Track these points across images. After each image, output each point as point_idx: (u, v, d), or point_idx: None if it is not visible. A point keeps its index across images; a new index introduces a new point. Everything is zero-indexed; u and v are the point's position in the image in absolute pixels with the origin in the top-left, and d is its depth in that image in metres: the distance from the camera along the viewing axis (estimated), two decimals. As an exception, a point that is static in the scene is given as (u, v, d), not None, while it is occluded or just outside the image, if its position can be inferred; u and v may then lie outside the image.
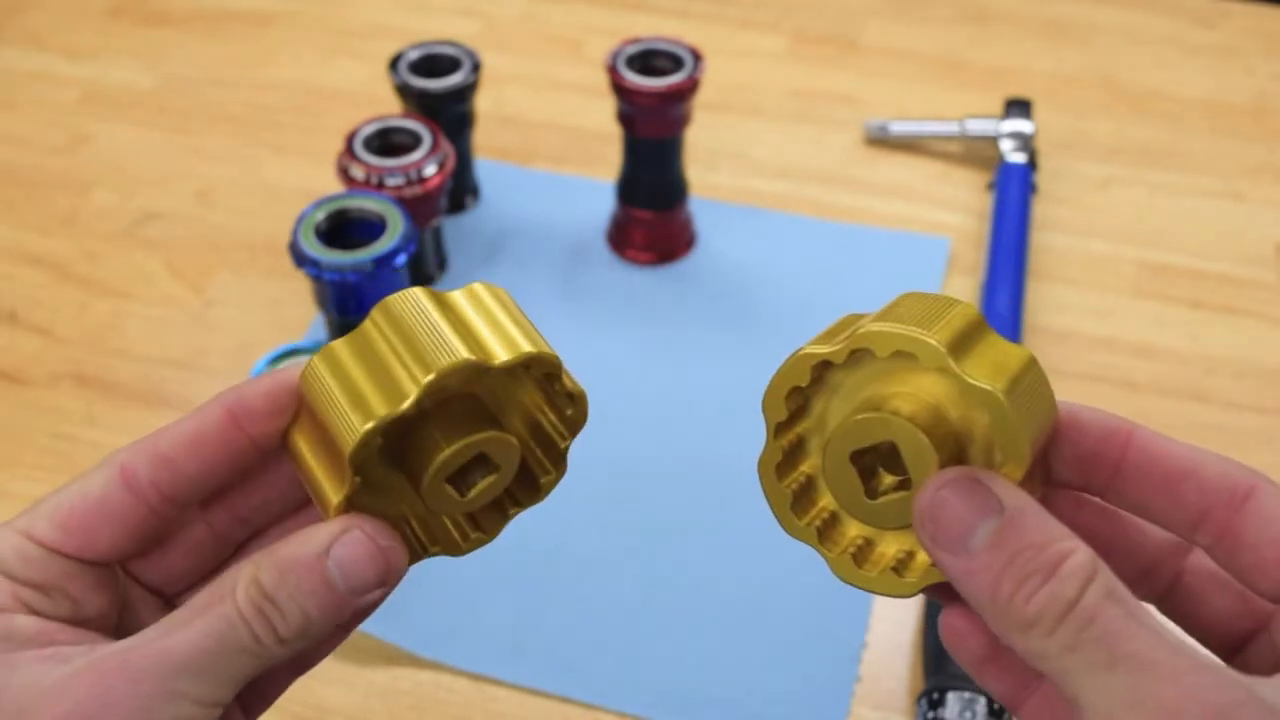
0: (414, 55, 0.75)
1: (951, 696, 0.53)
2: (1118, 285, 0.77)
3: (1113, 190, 0.84)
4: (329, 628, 0.31)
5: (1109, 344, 0.73)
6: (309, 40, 0.96)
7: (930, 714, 0.53)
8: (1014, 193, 0.79)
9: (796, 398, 0.33)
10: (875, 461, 0.32)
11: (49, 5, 0.99)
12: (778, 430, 0.33)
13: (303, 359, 0.60)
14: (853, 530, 0.33)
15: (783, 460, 0.33)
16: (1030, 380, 0.31)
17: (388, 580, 0.31)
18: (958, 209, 0.82)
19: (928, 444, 0.30)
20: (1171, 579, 0.33)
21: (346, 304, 0.62)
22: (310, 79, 0.92)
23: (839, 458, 0.32)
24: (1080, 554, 0.28)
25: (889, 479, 0.32)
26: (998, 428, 0.30)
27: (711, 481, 0.65)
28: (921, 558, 0.32)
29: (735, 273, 0.77)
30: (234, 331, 0.73)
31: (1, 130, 0.88)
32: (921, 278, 0.76)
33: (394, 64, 0.74)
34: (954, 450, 0.31)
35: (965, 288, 0.76)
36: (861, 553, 0.33)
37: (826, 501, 0.34)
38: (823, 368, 0.32)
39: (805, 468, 0.34)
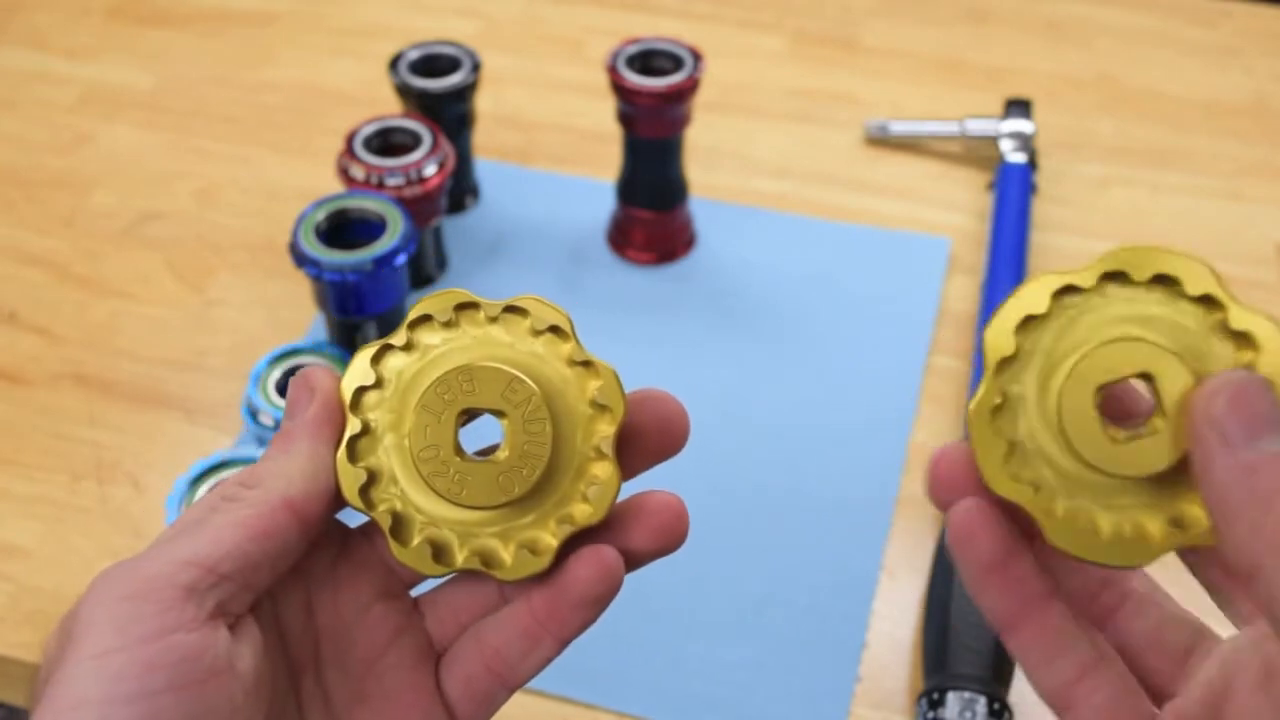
0: (414, 55, 0.75)
1: (951, 696, 0.53)
2: (1118, 285, 0.77)
3: (1113, 190, 0.84)
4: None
5: (1109, 344, 0.73)
6: (309, 40, 0.96)
7: (930, 714, 0.53)
8: (1014, 193, 0.79)
9: (1019, 336, 0.29)
10: (1107, 414, 0.29)
11: (49, 5, 0.99)
12: (997, 370, 0.29)
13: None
14: (1059, 506, 0.30)
15: (995, 410, 0.30)
16: None
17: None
18: (958, 209, 0.82)
19: (1189, 375, 0.28)
20: None
21: (346, 304, 0.62)
22: (310, 79, 0.92)
23: (1083, 389, 0.29)
24: None
25: (1120, 433, 0.29)
26: (1270, 353, 0.28)
27: (712, 481, 0.65)
28: (1150, 528, 0.29)
29: (735, 273, 0.77)
30: (234, 331, 0.73)
31: (1, 130, 0.88)
32: (921, 278, 0.76)
33: (394, 64, 0.74)
34: None
35: (965, 288, 0.76)
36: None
37: (1030, 474, 0.30)
38: (1059, 297, 0.29)
39: (1008, 433, 0.30)
